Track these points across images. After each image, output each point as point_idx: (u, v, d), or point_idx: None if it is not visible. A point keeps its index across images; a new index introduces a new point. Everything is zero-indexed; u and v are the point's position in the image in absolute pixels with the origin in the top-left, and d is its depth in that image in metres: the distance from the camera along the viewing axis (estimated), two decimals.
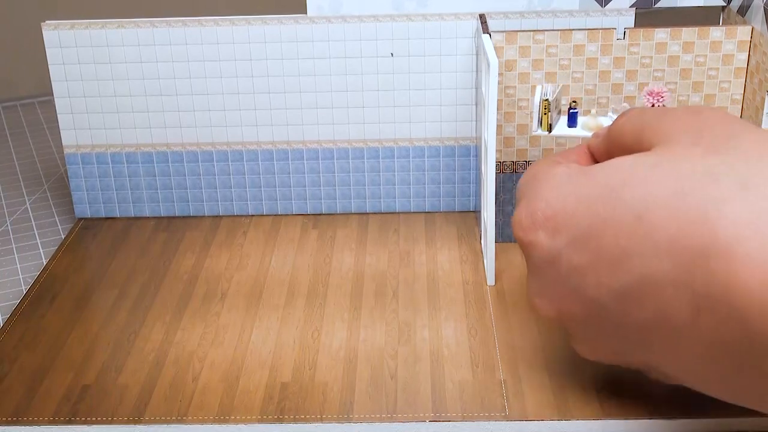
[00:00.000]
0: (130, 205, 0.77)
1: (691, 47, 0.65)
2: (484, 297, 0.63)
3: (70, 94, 0.74)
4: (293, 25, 0.71)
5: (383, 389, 0.54)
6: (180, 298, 0.65)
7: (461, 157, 0.75)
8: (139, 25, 0.72)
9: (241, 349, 0.58)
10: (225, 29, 0.71)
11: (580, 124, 0.66)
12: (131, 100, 0.74)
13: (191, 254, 0.71)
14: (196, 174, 0.76)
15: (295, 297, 0.64)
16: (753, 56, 0.64)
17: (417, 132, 0.74)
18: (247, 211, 0.77)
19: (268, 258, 0.70)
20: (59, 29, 0.72)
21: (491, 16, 0.71)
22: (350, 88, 0.73)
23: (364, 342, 0.59)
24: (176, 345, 0.59)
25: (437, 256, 0.69)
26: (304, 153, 0.75)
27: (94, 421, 0.52)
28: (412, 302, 0.63)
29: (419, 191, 0.76)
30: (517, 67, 0.66)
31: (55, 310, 0.64)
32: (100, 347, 0.59)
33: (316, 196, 0.77)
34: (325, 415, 0.52)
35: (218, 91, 0.73)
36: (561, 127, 0.66)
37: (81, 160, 0.76)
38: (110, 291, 0.66)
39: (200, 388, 0.55)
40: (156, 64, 0.73)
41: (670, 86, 0.66)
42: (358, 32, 0.71)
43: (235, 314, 0.62)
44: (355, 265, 0.68)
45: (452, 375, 0.55)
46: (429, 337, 0.59)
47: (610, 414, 0.51)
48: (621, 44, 0.65)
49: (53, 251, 0.73)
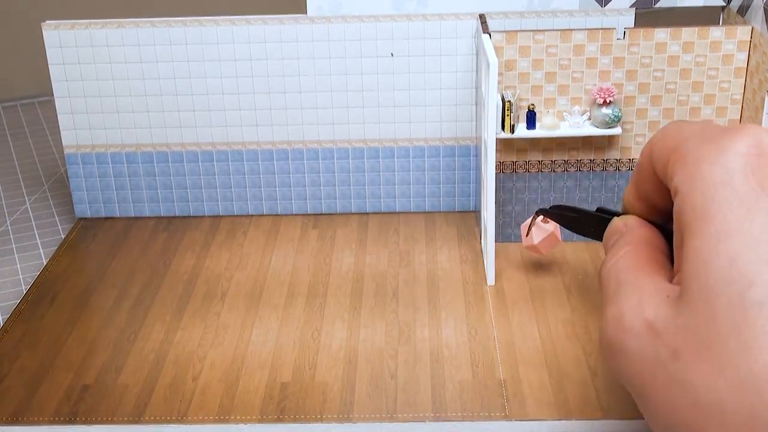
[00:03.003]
0: (130, 205, 0.77)
1: (691, 47, 0.65)
2: (484, 297, 0.63)
3: (70, 94, 0.74)
4: (293, 25, 0.71)
5: (383, 389, 0.54)
6: (180, 298, 0.65)
7: (461, 157, 0.75)
8: (139, 25, 0.72)
9: (241, 349, 0.58)
10: (225, 29, 0.71)
11: (539, 125, 0.67)
12: (131, 100, 0.74)
13: (191, 254, 0.71)
14: (196, 174, 0.76)
15: (295, 297, 0.64)
16: (753, 56, 0.64)
17: (417, 132, 0.74)
18: (247, 211, 0.77)
19: (268, 258, 0.70)
20: (59, 29, 0.72)
21: (491, 16, 0.71)
22: (350, 88, 0.73)
23: (364, 342, 0.59)
24: (176, 345, 0.59)
25: (437, 255, 0.69)
26: (304, 153, 0.75)
27: (94, 421, 0.52)
28: (412, 302, 0.63)
29: (419, 191, 0.76)
30: (517, 67, 0.66)
31: (55, 310, 0.64)
32: (100, 347, 0.59)
33: (316, 196, 0.77)
34: (325, 415, 0.52)
35: (218, 91, 0.73)
36: (521, 129, 0.67)
37: (81, 160, 0.76)
38: (110, 291, 0.66)
39: (200, 388, 0.55)
40: (156, 64, 0.73)
41: (669, 86, 0.66)
42: (358, 32, 0.71)
43: (235, 314, 0.62)
44: (355, 265, 0.68)
45: (452, 375, 0.55)
46: (429, 337, 0.59)
47: (610, 414, 0.51)
48: (621, 44, 0.65)
49: (53, 251, 0.73)
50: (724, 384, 0.32)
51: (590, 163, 0.69)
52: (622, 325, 0.38)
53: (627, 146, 0.68)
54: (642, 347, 0.36)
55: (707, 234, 0.34)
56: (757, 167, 0.35)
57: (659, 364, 0.35)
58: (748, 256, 0.33)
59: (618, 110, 0.65)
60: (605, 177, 0.69)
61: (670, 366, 0.34)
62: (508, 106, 0.65)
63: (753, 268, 0.33)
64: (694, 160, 0.37)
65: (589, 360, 0.56)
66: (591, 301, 0.63)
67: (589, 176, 0.69)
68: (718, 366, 0.33)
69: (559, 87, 0.66)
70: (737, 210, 0.34)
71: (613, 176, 0.69)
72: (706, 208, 0.35)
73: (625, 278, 0.39)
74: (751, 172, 0.35)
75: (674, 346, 0.35)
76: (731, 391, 0.32)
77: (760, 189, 0.34)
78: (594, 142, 0.68)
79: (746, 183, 0.34)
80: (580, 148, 0.68)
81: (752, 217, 0.34)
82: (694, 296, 0.34)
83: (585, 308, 0.62)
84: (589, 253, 0.68)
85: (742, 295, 0.32)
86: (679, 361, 0.34)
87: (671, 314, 0.35)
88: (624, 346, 0.37)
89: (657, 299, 0.37)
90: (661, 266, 0.39)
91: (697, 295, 0.34)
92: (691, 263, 0.35)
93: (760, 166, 0.35)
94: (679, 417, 0.34)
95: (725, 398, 0.32)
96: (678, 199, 0.37)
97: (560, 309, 0.61)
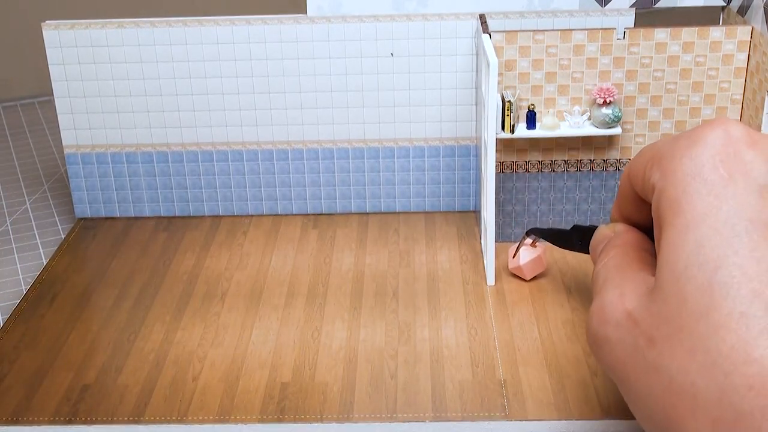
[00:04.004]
0: (130, 205, 0.77)
1: (691, 47, 0.65)
2: (484, 297, 0.63)
3: (70, 94, 0.74)
4: (293, 25, 0.71)
5: (383, 389, 0.54)
6: (180, 298, 0.65)
7: (461, 157, 0.75)
8: (139, 25, 0.72)
9: (241, 349, 0.58)
10: (225, 29, 0.71)
11: (539, 125, 0.67)
12: (131, 100, 0.74)
13: (191, 254, 0.71)
14: (196, 174, 0.76)
15: (295, 297, 0.64)
16: (753, 56, 0.64)
17: (417, 132, 0.74)
18: (247, 211, 0.77)
19: (268, 258, 0.70)
20: (59, 29, 0.72)
21: (491, 16, 0.71)
22: (350, 88, 0.73)
23: (364, 342, 0.59)
24: (176, 345, 0.59)
25: (437, 255, 0.69)
26: (304, 153, 0.75)
27: (94, 421, 0.52)
28: (412, 302, 0.63)
29: (419, 191, 0.76)
30: (517, 67, 0.66)
31: (55, 310, 0.64)
32: (100, 347, 0.59)
33: (316, 196, 0.77)
34: (325, 415, 0.52)
35: (218, 91, 0.73)
36: (521, 129, 0.67)
37: (81, 160, 0.76)
38: (110, 291, 0.66)
39: (200, 388, 0.55)
40: (156, 64, 0.73)
41: (669, 86, 0.66)
42: (358, 32, 0.71)
43: (235, 314, 0.62)
44: (355, 265, 0.68)
45: (452, 375, 0.55)
46: (429, 337, 0.59)
47: (610, 414, 0.51)
48: (621, 44, 0.65)
49: (53, 251, 0.73)
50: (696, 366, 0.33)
51: (590, 163, 0.69)
52: (605, 317, 0.39)
53: (627, 146, 0.68)
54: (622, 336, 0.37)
55: (678, 224, 0.35)
56: (725, 157, 0.35)
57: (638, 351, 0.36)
58: (714, 240, 0.34)
59: (618, 110, 0.65)
60: (605, 177, 0.69)
61: (647, 353, 0.35)
62: (508, 106, 0.65)
63: (719, 252, 0.33)
64: (669, 156, 0.37)
65: (589, 360, 0.56)
66: (591, 301, 0.63)
67: (589, 176, 0.69)
68: (689, 349, 0.33)
69: (559, 87, 0.66)
70: (706, 198, 0.35)
71: (613, 176, 0.69)
72: (678, 201, 0.36)
73: (612, 275, 0.40)
74: (720, 162, 0.35)
75: (650, 333, 0.35)
76: (702, 372, 0.32)
77: (728, 177, 0.35)
78: (594, 142, 0.68)
79: (715, 171, 0.35)
80: (580, 148, 0.68)
81: (719, 204, 0.34)
82: (665, 283, 0.35)
83: (585, 308, 0.62)
84: None
85: (710, 279, 0.33)
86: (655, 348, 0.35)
87: (647, 303, 0.36)
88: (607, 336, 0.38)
89: (637, 291, 0.38)
90: (646, 264, 0.40)
91: (669, 281, 0.35)
92: (663, 253, 0.36)
93: (728, 155, 0.36)
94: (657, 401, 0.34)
95: (696, 380, 0.32)
96: (655, 194, 0.38)
97: (560, 309, 0.61)
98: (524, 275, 0.64)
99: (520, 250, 0.64)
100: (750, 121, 0.65)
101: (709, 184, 0.35)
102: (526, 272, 0.64)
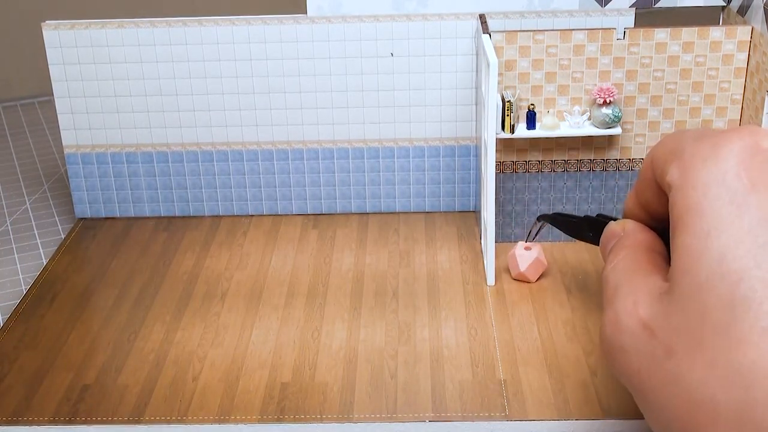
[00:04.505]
0: (130, 205, 0.77)
1: (691, 47, 0.65)
2: (484, 297, 0.63)
3: (70, 94, 0.74)
4: (293, 25, 0.71)
5: (383, 389, 0.54)
6: (180, 298, 0.65)
7: (461, 157, 0.75)
8: (139, 25, 0.72)
9: (241, 349, 0.58)
10: (225, 29, 0.71)
11: (539, 125, 0.67)
12: (131, 100, 0.74)
13: (191, 254, 0.71)
14: (196, 174, 0.76)
15: (295, 297, 0.64)
16: (753, 56, 0.64)
17: (417, 132, 0.74)
18: (247, 211, 0.77)
19: (268, 258, 0.70)
20: (59, 29, 0.72)
21: (491, 16, 0.71)
22: (350, 88, 0.73)
23: (364, 342, 0.59)
24: (176, 345, 0.59)
25: (437, 256, 0.69)
26: (304, 153, 0.75)
27: (94, 421, 0.52)
28: (412, 302, 0.63)
29: (419, 191, 0.76)
30: (517, 67, 0.66)
31: (55, 310, 0.64)
32: (100, 347, 0.59)
33: (316, 196, 0.77)
34: (325, 415, 0.52)
35: (218, 91, 0.73)
36: (521, 129, 0.67)
37: (81, 160, 0.76)
38: (110, 291, 0.66)
39: (200, 388, 0.55)
40: (156, 64, 0.73)
41: (669, 86, 0.66)
42: (358, 32, 0.71)
43: (235, 314, 0.62)
44: (355, 265, 0.68)
45: (452, 375, 0.55)
46: (429, 337, 0.59)
47: (610, 414, 0.51)
48: (621, 44, 0.65)
49: (53, 251, 0.73)
50: (716, 379, 0.32)
51: (590, 163, 0.69)
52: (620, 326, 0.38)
53: (627, 146, 0.68)
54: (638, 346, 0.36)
55: (699, 230, 0.35)
56: (750, 165, 0.35)
57: (655, 361, 0.35)
58: (737, 252, 0.33)
59: (618, 110, 0.65)
60: (605, 177, 0.69)
61: (665, 363, 0.35)
62: (508, 106, 0.65)
63: (742, 264, 0.33)
64: (689, 156, 0.37)
65: (589, 360, 0.56)
66: (591, 301, 0.63)
67: (589, 176, 0.69)
68: (709, 362, 0.33)
69: (559, 87, 0.66)
70: (728, 206, 0.34)
71: (613, 176, 0.69)
72: (698, 204, 0.35)
73: (623, 280, 0.40)
74: (744, 170, 0.35)
75: (668, 343, 0.35)
76: (722, 386, 0.32)
77: (751, 186, 0.34)
78: (594, 142, 0.68)
79: (738, 180, 0.35)
80: (580, 148, 0.68)
81: (742, 213, 0.34)
82: (685, 293, 0.34)
83: (585, 308, 0.62)
84: (589, 253, 0.68)
85: (732, 291, 0.33)
86: (673, 358, 0.34)
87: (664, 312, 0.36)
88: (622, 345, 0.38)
89: (651, 299, 0.37)
90: (658, 268, 0.39)
91: (689, 292, 0.34)
92: (682, 259, 0.35)
93: (753, 164, 0.35)
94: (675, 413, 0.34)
95: (717, 393, 0.32)
96: (672, 192, 0.37)
97: (560, 309, 0.61)
98: (529, 279, 0.64)
99: (517, 258, 0.64)
100: (750, 121, 0.65)
101: (732, 192, 0.34)
102: (530, 276, 0.64)
